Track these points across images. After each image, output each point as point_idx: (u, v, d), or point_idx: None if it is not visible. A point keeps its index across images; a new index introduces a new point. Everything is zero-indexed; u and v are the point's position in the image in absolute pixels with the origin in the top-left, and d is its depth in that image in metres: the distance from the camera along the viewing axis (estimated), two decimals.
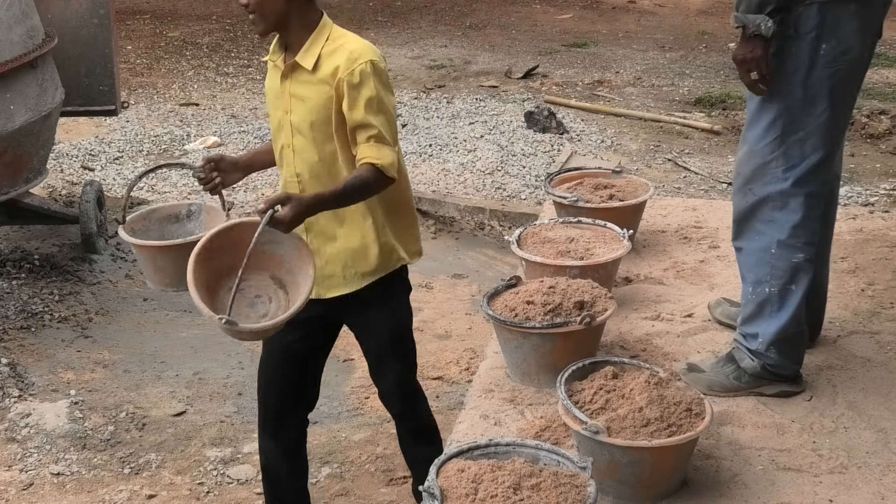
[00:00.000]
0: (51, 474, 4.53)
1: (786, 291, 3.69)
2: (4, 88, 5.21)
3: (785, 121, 3.59)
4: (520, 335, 3.85)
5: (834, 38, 3.60)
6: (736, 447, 3.61)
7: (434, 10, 11.00)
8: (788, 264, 3.68)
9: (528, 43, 9.97)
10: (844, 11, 3.61)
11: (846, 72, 3.70)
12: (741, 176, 3.75)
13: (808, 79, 3.61)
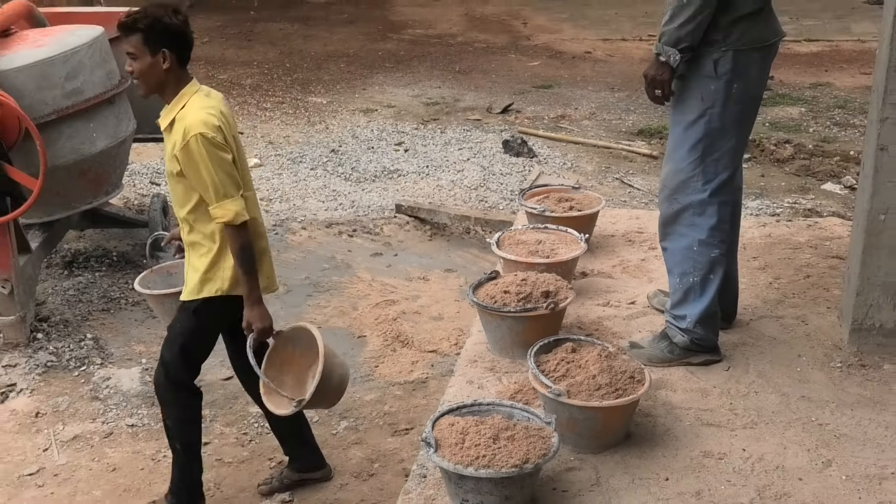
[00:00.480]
0: (126, 425, 4.56)
1: (706, 280, 3.76)
2: (88, 120, 5.23)
3: (704, 145, 3.66)
4: (498, 318, 3.90)
5: (743, 80, 3.67)
6: (669, 407, 3.65)
7: (430, 58, 11.01)
8: (707, 259, 3.74)
9: (504, 85, 9.97)
10: (751, 59, 3.68)
11: (749, 107, 3.82)
12: (667, 188, 3.82)
13: (723, 112, 3.69)
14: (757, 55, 3.71)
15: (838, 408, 3.65)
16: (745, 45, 3.66)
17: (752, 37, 3.67)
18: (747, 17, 3.64)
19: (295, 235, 6.47)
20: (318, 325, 5.40)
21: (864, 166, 4.08)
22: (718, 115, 3.67)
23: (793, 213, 6.60)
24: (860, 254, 3.96)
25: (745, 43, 3.65)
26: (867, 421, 3.58)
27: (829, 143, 8.17)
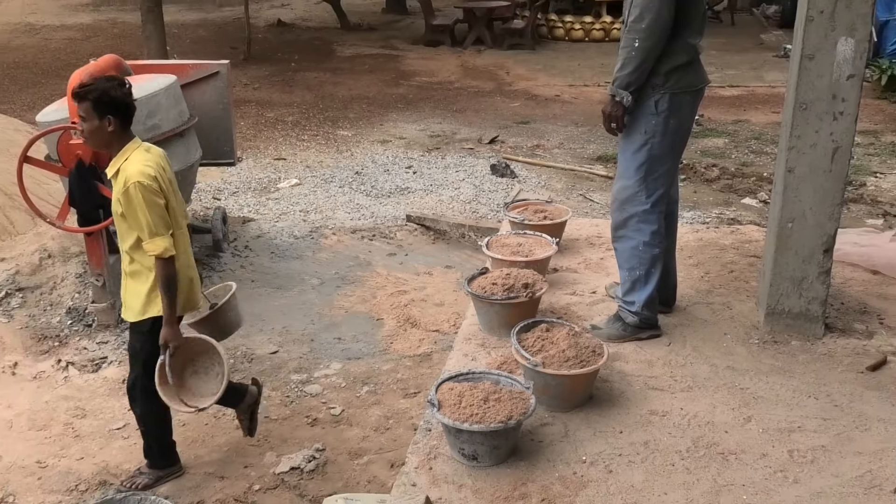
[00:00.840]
0: None
1: (649, 273, 3.79)
2: (164, 148, 5.19)
3: (647, 167, 3.71)
4: (488, 304, 3.91)
5: (677, 117, 3.70)
6: (622, 375, 3.66)
7: (432, 100, 11.01)
8: (650, 256, 3.77)
9: (492, 121, 9.96)
10: (683, 100, 3.72)
11: (682, 138, 3.85)
12: (617, 200, 3.85)
13: (661, 142, 3.70)
14: (688, 97, 3.73)
15: (756, 375, 3.65)
16: (679, 89, 3.67)
17: (684, 83, 3.69)
18: (681, 67, 3.66)
19: (327, 239, 6.46)
20: (344, 309, 5.44)
21: (776, 185, 4.08)
22: (658, 143, 3.69)
23: (719, 221, 6.60)
24: (773, 254, 3.95)
25: (679, 87, 3.67)
26: (779, 385, 3.59)
27: (747, 167, 8.17)
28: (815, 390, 3.56)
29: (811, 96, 3.75)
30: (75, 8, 18.12)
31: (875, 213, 6.89)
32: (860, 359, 3.81)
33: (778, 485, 3.01)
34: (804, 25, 3.72)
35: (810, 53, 3.71)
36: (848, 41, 3.69)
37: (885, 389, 3.59)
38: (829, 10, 3.66)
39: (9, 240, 5.79)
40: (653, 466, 3.09)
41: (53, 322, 5.04)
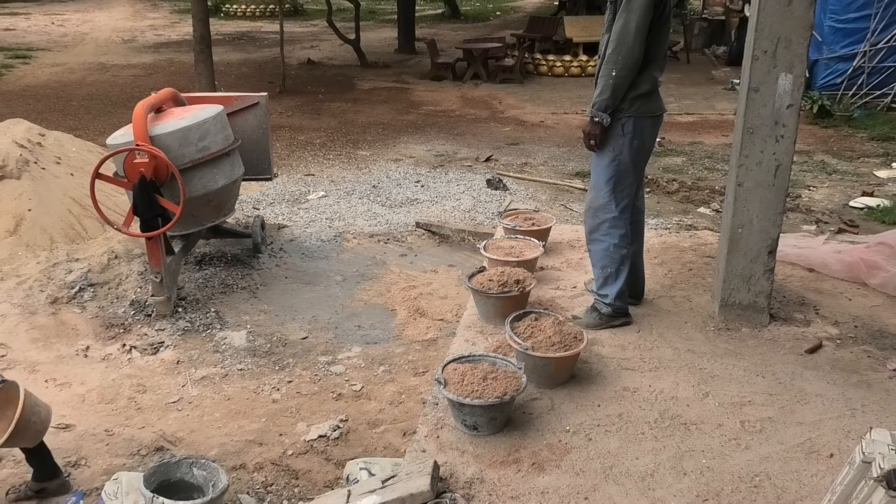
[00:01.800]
0: (237, 369, 4.50)
1: (618, 270, 3.74)
2: (213, 166, 5.18)
3: (615, 180, 3.67)
4: (485, 297, 3.85)
5: (640, 138, 3.67)
6: (599, 357, 3.59)
7: (437, 125, 10.96)
8: (619, 256, 3.72)
9: (487, 143, 9.91)
10: (645, 124, 3.68)
11: (643, 157, 3.81)
12: (591, 209, 3.82)
13: (627, 159, 3.67)
14: (649, 121, 3.68)
15: (712, 357, 3.60)
16: (642, 114, 3.63)
17: (645, 109, 3.64)
18: (644, 96, 3.61)
19: (349, 242, 6.41)
20: (364, 302, 5.39)
21: (727, 196, 4.03)
22: (624, 160, 3.65)
23: (678, 227, 6.53)
24: (726, 254, 3.90)
25: (642, 113, 3.63)
26: (731, 366, 3.53)
27: (702, 181, 8.11)
28: (762, 370, 3.50)
29: (757, 122, 3.71)
30: (139, 50, 18.08)
31: (809, 220, 6.83)
32: (800, 343, 3.76)
33: (732, 450, 2.96)
34: (750, 63, 3.70)
35: (755, 86, 3.68)
36: (787, 76, 3.65)
37: (821, 369, 3.54)
38: (771, 50, 3.63)
39: (82, 243, 5.75)
40: (626, 435, 3.04)
41: (119, 312, 5.00)
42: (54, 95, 12.82)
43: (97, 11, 26.11)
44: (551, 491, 2.75)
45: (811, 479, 2.82)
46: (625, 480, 2.80)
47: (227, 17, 25.10)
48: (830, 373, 3.51)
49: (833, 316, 4.05)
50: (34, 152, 6.25)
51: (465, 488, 2.76)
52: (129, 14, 25.71)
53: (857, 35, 11.14)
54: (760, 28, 3.63)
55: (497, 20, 25.02)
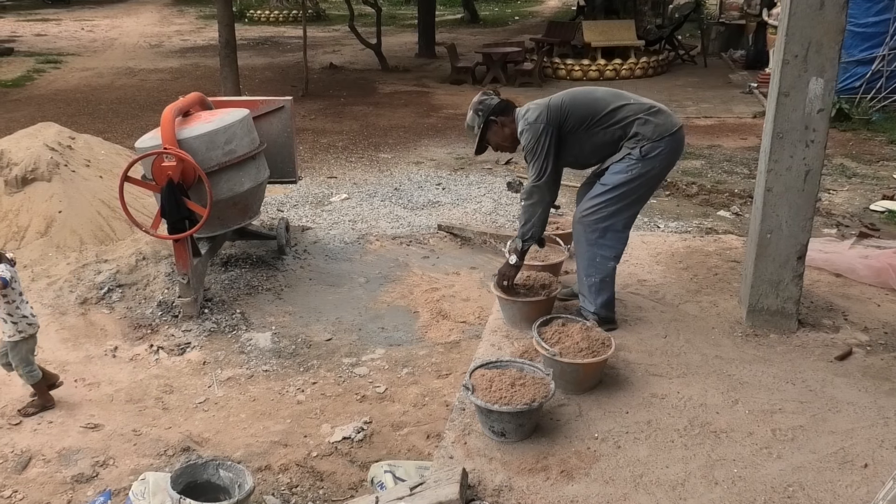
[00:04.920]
0: (262, 370, 4.44)
1: (603, 282, 3.59)
2: (239, 169, 5.13)
3: (624, 203, 3.64)
4: (511, 302, 3.73)
5: (655, 162, 3.71)
6: (626, 363, 3.49)
7: (457, 129, 10.87)
8: (605, 268, 3.61)
9: None
10: (660, 146, 3.65)
11: (657, 180, 3.74)
12: (587, 220, 3.69)
13: (639, 183, 3.66)
14: (664, 143, 3.57)
15: (741, 363, 3.48)
16: (656, 137, 3.54)
17: (659, 132, 3.56)
18: (643, 122, 3.56)
19: (372, 245, 6.33)
20: (387, 304, 5.31)
21: (755, 201, 3.91)
22: (637, 184, 3.58)
23: (699, 230, 6.41)
24: (753, 259, 3.79)
25: (657, 135, 3.55)
26: (761, 373, 3.42)
27: (721, 184, 7.96)
28: (792, 377, 3.39)
29: (787, 127, 3.60)
30: (166, 55, 18.14)
31: (830, 223, 6.68)
32: (829, 350, 3.63)
33: (764, 460, 2.85)
34: (780, 67, 3.58)
35: (786, 91, 3.57)
36: (818, 81, 3.54)
37: (852, 376, 3.42)
38: (802, 54, 3.52)
39: (111, 245, 5.73)
40: (655, 443, 2.94)
41: (147, 313, 4.95)
42: (84, 99, 12.87)
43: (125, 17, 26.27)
44: (581, 500, 2.65)
45: (846, 490, 2.70)
46: (655, 490, 2.70)
47: (252, 23, 25.15)
48: (861, 380, 3.39)
49: (862, 322, 3.92)
50: (64, 155, 6.23)
51: (493, 496, 2.67)
52: (157, 20, 25.84)
53: (876, 39, 10.93)
54: (791, 32, 3.51)
55: (516, 25, 24.88)
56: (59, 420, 3.93)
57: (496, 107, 3.72)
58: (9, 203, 5.89)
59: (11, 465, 3.58)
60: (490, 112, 3.70)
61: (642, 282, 4.34)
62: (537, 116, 3.58)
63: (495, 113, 3.71)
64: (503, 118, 3.71)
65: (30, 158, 5.99)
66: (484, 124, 3.71)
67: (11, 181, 5.93)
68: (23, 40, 20.25)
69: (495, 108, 3.71)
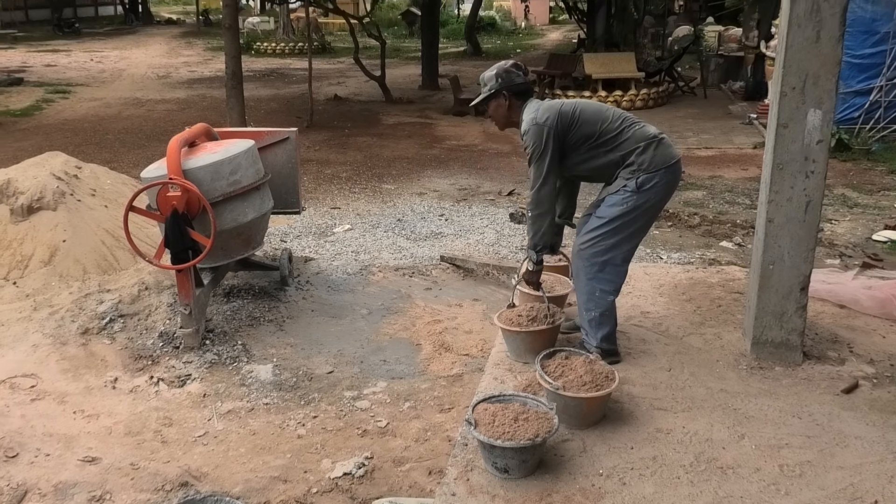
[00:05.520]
0: (262, 404, 4.37)
1: (603, 315, 3.55)
2: (243, 200, 5.11)
3: (621, 236, 3.62)
4: (515, 334, 3.67)
5: (652, 193, 3.71)
6: (631, 396, 3.41)
7: (460, 160, 10.90)
8: (606, 302, 3.55)
9: (509, 177, 9.82)
10: (657, 177, 3.62)
11: (655, 212, 3.71)
12: (586, 253, 3.66)
13: (637, 215, 3.63)
14: (661, 174, 3.54)
15: (746, 397, 3.41)
16: (653, 168, 3.52)
17: (656, 163, 3.53)
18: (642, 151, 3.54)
19: (374, 276, 6.29)
20: (389, 336, 5.26)
21: (757, 232, 3.87)
22: (635, 217, 3.55)
23: (702, 261, 6.36)
24: (756, 291, 3.73)
25: (654, 167, 3.52)
26: (766, 406, 3.35)
27: (723, 215, 7.93)
28: (798, 410, 3.32)
29: (786, 158, 3.57)
30: (174, 86, 18.28)
31: (832, 254, 6.63)
32: (835, 383, 3.57)
33: (772, 496, 2.77)
34: (779, 99, 3.57)
35: (785, 122, 3.55)
36: (816, 112, 3.52)
37: (859, 410, 3.35)
38: (799, 86, 3.51)
39: (114, 274, 5.69)
40: (661, 479, 2.86)
41: (148, 344, 4.90)
42: (91, 129, 12.94)
43: (134, 49, 26.54)
44: None
45: None
46: None
47: (258, 55, 25.38)
48: (869, 414, 3.32)
49: (868, 354, 3.86)
50: (70, 184, 6.23)
51: None
52: (165, 51, 26.10)
53: (873, 70, 10.98)
54: (788, 64, 3.50)
55: (517, 57, 25.07)
56: (57, 453, 3.86)
57: (515, 86, 3.67)
58: (14, 232, 5.88)
59: (7, 500, 3.50)
60: (506, 86, 3.65)
61: (645, 314, 4.28)
62: (546, 119, 3.53)
63: (510, 90, 3.66)
64: (513, 100, 3.68)
65: (36, 187, 5.99)
66: (495, 91, 3.67)
67: (17, 210, 5.92)
68: (33, 70, 20.44)
69: (513, 86, 3.67)
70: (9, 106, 14.96)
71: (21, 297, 5.41)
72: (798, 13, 3.45)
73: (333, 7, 15.96)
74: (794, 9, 3.45)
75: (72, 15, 37.31)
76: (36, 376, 4.55)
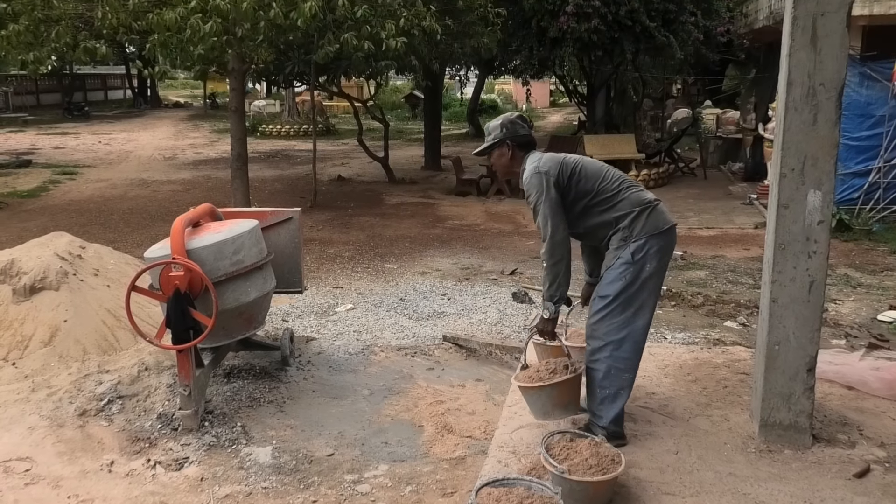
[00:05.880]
0: (261, 487, 4.29)
1: (617, 394, 3.53)
2: (246, 280, 5.14)
3: (627, 309, 3.65)
4: (538, 390, 3.56)
5: (651, 261, 3.74)
6: (638, 480, 3.36)
7: (462, 239, 11.00)
8: (620, 379, 3.53)
9: (511, 256, 9.89)
10: (653, 243, 3.69)
11: (657, 279, 3.69)
12: (596, 335, 3.67)
13: (638, 286, 3.61)
14: (657, 240, 3.60)
15: (756, 481, 3.36)
16: (647, 234, 3.58)
17: (649, 228, 3.59)
18: (637, 216, 3.61)
19: (376, 356, 6.27)
20: (391, 417, 5.20)
21: (762, 312, 3.88)
22: (636, 287, 3.58)
23: (706, 341, 6.33)
24: (763, 372, 3.72)
25: (647, 233, 3.59)
26: (777, 491, 3.29)
27: (727, 295, 7.94)
28: (810, 496, 3.26)
29: (788, 238, 3.62)
30: (179, 167, 18.65)
31: (838, 334, 6.61)
32: (846, 467, 3.51)
33: None
34: (778, 180, 3.64)
35: (785, 203, 3.62)
36: (816, 193, 3.60)
37: (872, 495, 3.29)
38: (798, 168, 3.60)
39: (114, 354, 5.68)
40: None
41: (146, 426, 4.85)
42: (96, 209, 13.13)
43: (142, 131, 27.19)
44: None
45: None
46: None
47: (264, 136, 25.97)
48: (882, 499, 3.26)
49: (878, 437, 3.81)
50: (74, 264, 6.29)
51: None
52: (172, 133, 26.72)
53: (871, 152, 11.22)
54: (787, 147, 3.60)
55: None
56: None
57: (519, 137, 3.80)
58: (15, 312, 5.90)
59: None
60: (511, 137, 3.78)
61: (651, 395, 4.25)
62: (548, 168, 3.62)
63: (514, 140, 3.78)
64: (516, 150, 3.79)
65: (39, 268, 6.05)
66: (499, 140, 3.79)
67: (20, 290, 5.96)
68: (41, 152, 20.89)
69: (517, 137, 3.80)
70: (16, 187, 15.23)
71: (19, 377, 5.39)
72: (794, 97, 3.56)
73: (338, 91, 16.43)
74: (791, 93, 3.56)
75: (82, 99, 38.43)
76: (31, 459, 4.48)
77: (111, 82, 45.58)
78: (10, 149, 21.46)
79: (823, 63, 3.50)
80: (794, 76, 3.55)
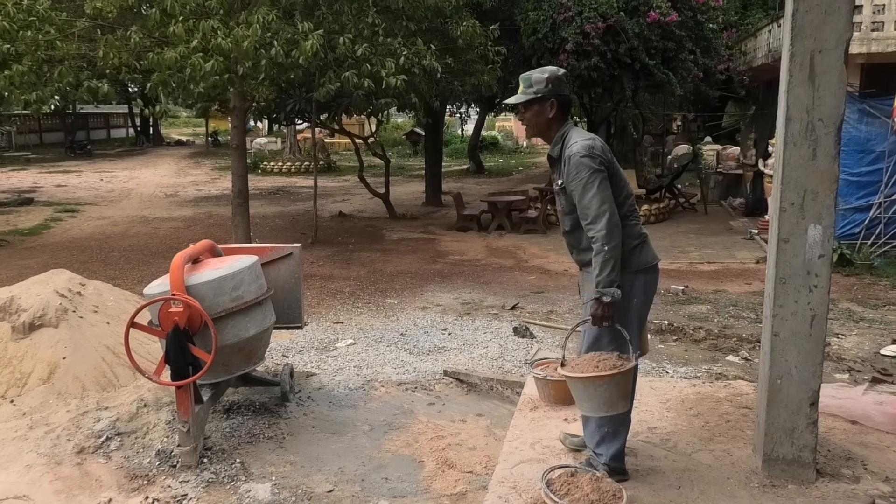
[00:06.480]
0: None
1: (617, 431, 3.50)
2: (245, 315, 5.16)
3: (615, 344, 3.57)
4: (608, 379, 3.32)
5: (637, 295, 3.66)
6: None
7: (463, 274, 11.02)
8: (619, 418, 3.48)
9: (512, 291, 9.90)
10: (640, 278, 3.69)
11: (644, 313, 3.69)
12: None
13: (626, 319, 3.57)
14: (643, 275, 3.56)
15: None
16: (635, 270, 3.55)
17: (638, 263, 3.56)
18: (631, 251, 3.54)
19: (376, 391, 6.25)
20: (391, 452, 5.17)
21: (763, 346, 3.89)
22: (623, 321, 3.54)
23: (709, 376, 6.32)
24: (765, 406, 3.72)
25: (635, 268, 3.55)
26: None
27: (729, 329, 7.94)
28: None
29: (789, 272, 3.64)
30: (180, 204, 18.77)
31: (841, 368, 6.60)
32: (851, 502, 3.49)
33: None
34: (778, 215, 3.67)
35: (785, 237, 3.64)
36: (816, 227, 3.62)
37: None
38: (798, 202, 3.62)
39: (113, 391, 5.67)
40: None
41: (144, 463, 4.82)
42: (97, 247, 13.19)
43: (144, 169, 27.41)
44: None
45: None
46: None
47: (265, 173, 26.17)
48: None
49: (883, 472, 3.79)
50: (73, 301, 6.31)
51: None
52: (174, 171, 26.93)
53: (871, 187, 11.29)
54: (786, 181, 3.63)
55: (519, 175, 25.80)
56: None
57: (564, 97, 3.45)
58: (14, 349, 5.90)
59: None
60: (556, 95, 3.40)
61: (653, 429, 4.24)
62: (602, 151, 3.39)
63: (559, 99, 3.42)
64: (557, 111, 3.44)
65: (38, 305, 6.07)
66: (543, 96, 3.41)
67: (19, 327, 5.97)
68: (43, 190, 21.05)
69: (562, 97, 3.44)
70: (17, 225, 15.32)
71: (18, 415, 5.38)
72: (793, 132, 3.60)
73: (339, 128, 16.61)
74: (790, 128, 3.61)
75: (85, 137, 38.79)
76: (28, 498, 4.45)
77: (114, 121, 46.12)
78: (13, 187, 21.62)
79: (822, 99, 3.55)
80: (793, 112, 3.60)
